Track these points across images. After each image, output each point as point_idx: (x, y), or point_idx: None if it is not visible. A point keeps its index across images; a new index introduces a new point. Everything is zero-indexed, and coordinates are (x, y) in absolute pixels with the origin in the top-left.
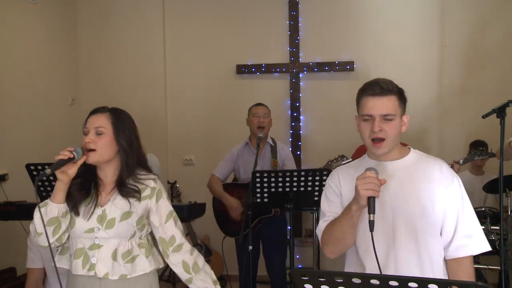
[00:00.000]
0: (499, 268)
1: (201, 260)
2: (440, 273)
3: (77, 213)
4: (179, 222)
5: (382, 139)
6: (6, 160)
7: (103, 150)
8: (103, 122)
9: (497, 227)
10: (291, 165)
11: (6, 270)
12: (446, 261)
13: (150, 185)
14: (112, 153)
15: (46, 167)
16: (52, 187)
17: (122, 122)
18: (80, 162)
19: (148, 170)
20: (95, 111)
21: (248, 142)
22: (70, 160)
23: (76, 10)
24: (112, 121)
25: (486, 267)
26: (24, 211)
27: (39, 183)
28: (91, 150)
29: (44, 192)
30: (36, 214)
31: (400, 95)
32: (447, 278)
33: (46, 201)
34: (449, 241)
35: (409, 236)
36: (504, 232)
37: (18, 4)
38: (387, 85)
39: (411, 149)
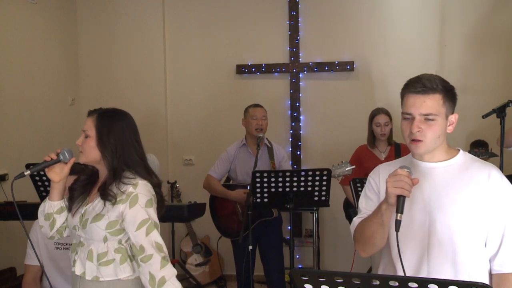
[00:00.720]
0: None
1: (170, 274)
2: None
3: (70, 209)
4: (154, 233)
5: (420, 140)
6: (6, 160)
7: (87, 152)
8: (89, 125)
9: None
10: (287, 166)
11: (6, 270)
12: (491, 275)
13: (128, 190)
14: (97, 156)
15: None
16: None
17: (108, 126)
18: (70, 163)
19: (141, 174)
20: (88, 113)
21: (245, 143)
22: (56, 161)
23: (76, 10)
24: (96, 125)
25: None
26: (24, 211)
27: (39, 183)
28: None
29: (44, 192)
30: (39, 209)
31: (447, 92)
32: None
33: (47, 197)
34: (494, 254)
35: (445, 244)
36: None
37: (18, 4)
38: (431, 82)
39: (461, 151)
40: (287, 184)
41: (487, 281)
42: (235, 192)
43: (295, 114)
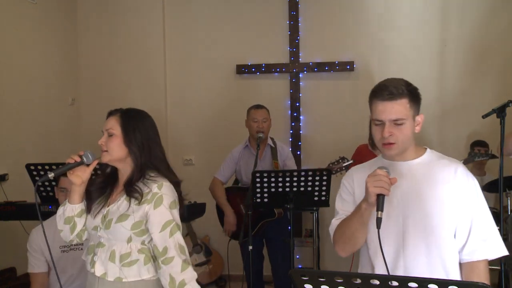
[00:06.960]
0: (499, 268)
1: (190, 278)
2: (455, 277)
3: (89, 210)
4: (177, 235)
5: (393, 143)
6: (6, 160)
7: (113, 151)
8: (113, 124)
9: (497, 227)
10: (292, 164)
11: (6, 270)
12: (460, 264)
13: (153, 190)
14: (123, 154)
15: (52, 166)
16: (52, 188)
17: (133, 124)
18: (92, 166)
19: (164, 173)
20: (109, 113)
21: (248, 144)
22: (79, 164)
23: (76, 10)
24: (122, 123)
25: None
26: (24, 211)
27: (39, 184)
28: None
29: (44, 192)
30: (58, 212)
31: (412, 96)
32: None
33: (66, 201)
34: (463, 244)
35: (419, 238)
36: (504, 232)
37: (18, 4)
38: (397, 88)
39: (427, 149)
40: (287, 184)
41: (458, 272)
42: (230, 214)
43: (295, 114)
